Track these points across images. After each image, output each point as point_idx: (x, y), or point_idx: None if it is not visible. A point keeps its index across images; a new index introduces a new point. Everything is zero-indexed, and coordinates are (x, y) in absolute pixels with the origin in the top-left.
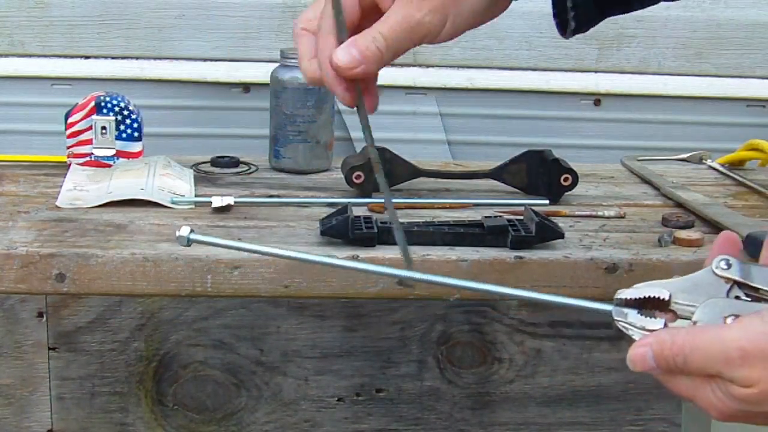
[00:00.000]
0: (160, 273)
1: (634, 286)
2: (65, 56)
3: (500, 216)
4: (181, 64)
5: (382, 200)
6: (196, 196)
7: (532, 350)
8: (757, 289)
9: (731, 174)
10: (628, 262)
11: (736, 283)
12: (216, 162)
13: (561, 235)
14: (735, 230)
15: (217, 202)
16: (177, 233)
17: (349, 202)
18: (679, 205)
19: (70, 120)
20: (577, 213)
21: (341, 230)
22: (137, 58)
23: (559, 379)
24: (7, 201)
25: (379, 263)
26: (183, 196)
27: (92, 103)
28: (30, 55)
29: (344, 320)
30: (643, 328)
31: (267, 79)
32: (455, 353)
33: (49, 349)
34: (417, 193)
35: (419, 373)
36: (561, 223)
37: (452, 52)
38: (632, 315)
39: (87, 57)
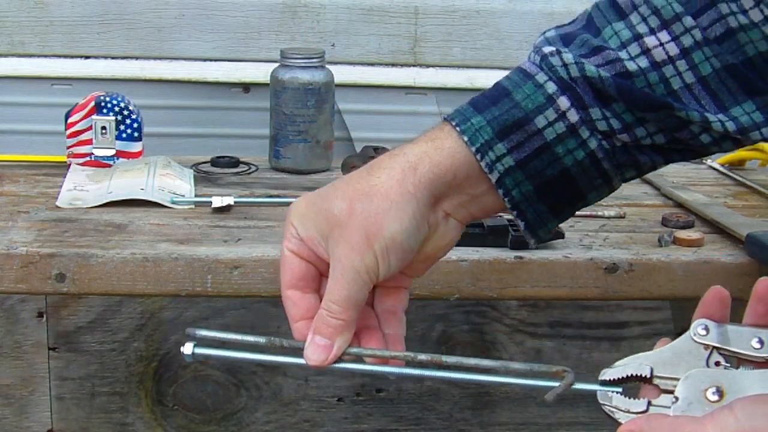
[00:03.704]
0: (160, 273)
1: (616, 363)
2: (65, 56)
3: (500, 216)
4: (181, 64)
5: None
6: (196, 196)
7: (532, 350)
8: (735, 352)
9: (731, 174)
10: (628, 262)
11: (715, 348)
12: (216, 162)
13: (561, 235)
14: (735, 230)
15: (217, 202)
16: (181, 350)
17: None
18: (679, 205)
19: (70, 120)
20: (577, 213)
21: None
22: (137, 58)
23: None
24: (7, 201)
25: None
26: (183, 196)
27: (92, 103)
28: (30, 55)
29: None
30: (628, 411)
31: (267, 79)
32: (455, 353)
33: (49, 349)
34: None
35: None
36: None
37: (452, 52)
38: (617, 398)
39: (87, 57)
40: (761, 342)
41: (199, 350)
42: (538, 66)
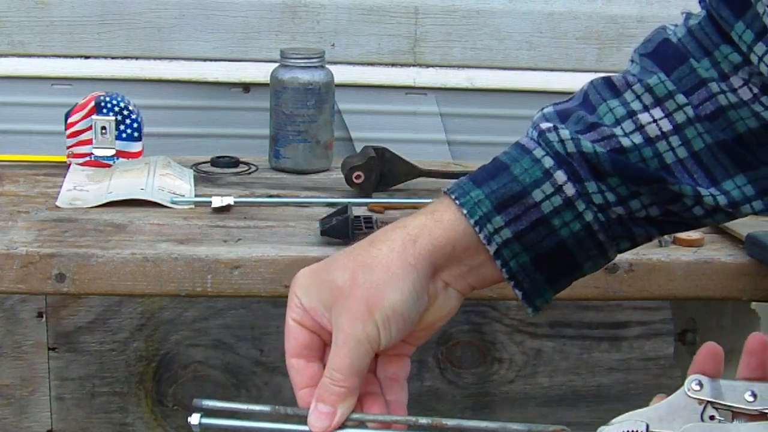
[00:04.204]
0: (160, 273)
1: (613, 421)
2: (65, 56)
3: None
4: (181, 64)
5: (382, 201)
6: (196, 196)
7: (532, 350)
8: (729, 406)
9: None
10: (628, 262)
11: (709, 402)
12: (216, 162)
13: None
14: (735, 230)
15: (217, 202)
16: (189, 420)
17: (349, 202)
18: None
19: (70, 120)
20: None
21: (341, 230)
22: (137, 58)
23: (559, 379)
24: (7, 201)
25: None
26: (183, 196)
27: (92, 103)
28: (30, 55)
29: None
30: None
31: (267, 79)
32: (455, 353)
33: (49, 349)
34: (417, 193)
35: (419, 373)
36: None
37: (452, 52)
38: None
39: (87, 57)
40: (754, 395)
41: (207, 420)
42: (536, 141)
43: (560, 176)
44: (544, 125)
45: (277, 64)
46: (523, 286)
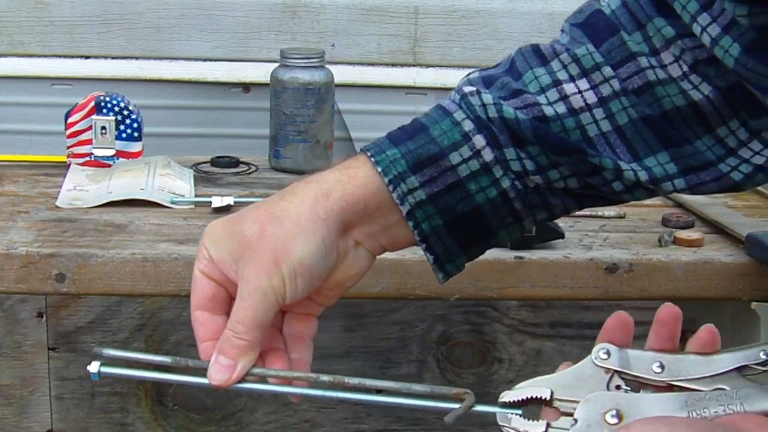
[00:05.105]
0: (160, 273)
1: (517, 386)
2: (65, 56)
3: None
4: (181, 64)
5: None
6: (196, 196)
7: (532, 350)
8: (636, 376)
9: None
10: (628, 262)
11: (616, 371)
12: (216, 162)
13: (561, 235)
14: (735, 230)
15: (217, 202)
16: (87, 369)
17: None
18: (679, 205)
19: (70, 120)
20: (577, 213)
21: None
22: (137, 58)
23: None
24: (7, 201)
25: (378, 263)
26: (183, 196)
27: (92, 103)
28: (30, 55)
29: (344, 320)
30: None
31: (267, 79)
32: (455, 353)
33: (49, 349)
34: None
35: (419, 373)
36: (561, 222)
37: (452, 52)
38: (516, 420)
39: (87, 57)
40: (662, 366)
41: (106, 369)
42: (457, 104)
43: (479, 140)
44: (467, 89)
45: (277, 64)
46: (434, 249)
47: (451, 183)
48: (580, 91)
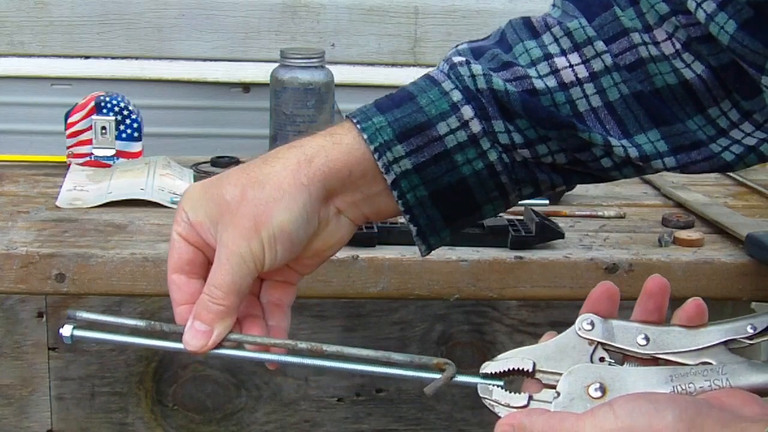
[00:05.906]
0: (160, 273)
1: (499, 356)
2: (65, 56)
3: (500, 216)
4: (181, 64)
5: None
6: None
7: None
8: (620, 348)
9: (731, 174)
10: (628, 262)
11: (600, 343)
12: (216, 162)
13: (561, 235)
14: (735, 230)
15: None
16: (60, 332)
17: None
18: (679, 205)
19: (70, 120)
20: (577, 213)
21: None
22: (137, 58)
23: None
24: (7, 201)
25: (378, 263)
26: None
27: (92, 103)
28: (30, 55)
29: (344, 320)
30: (508, 405)
31: (267, 79)
32: (455, 353)
33: (49, 349)
34: None
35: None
36: (561, 223)
37: None
38: (497, 392)
39: (87, 57)
40: (647, 339)
41: (79, 333)
42: (446, 74)
43: (467, 111)
44: (457, 59)
45: (277, 64)
46: (418, 221)
47: (438, 153)
48: (571, 65)
